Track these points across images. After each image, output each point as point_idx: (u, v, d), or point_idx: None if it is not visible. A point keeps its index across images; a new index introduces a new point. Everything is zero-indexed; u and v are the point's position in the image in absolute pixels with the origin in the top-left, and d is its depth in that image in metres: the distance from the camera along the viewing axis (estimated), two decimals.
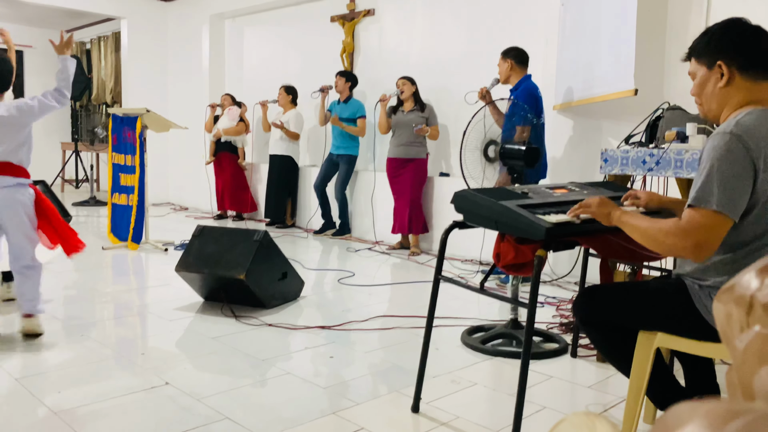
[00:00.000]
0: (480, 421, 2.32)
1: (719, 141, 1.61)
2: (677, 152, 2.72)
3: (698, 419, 0.39)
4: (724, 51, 1.70)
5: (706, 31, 1.76)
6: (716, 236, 1.60)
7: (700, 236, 1.59)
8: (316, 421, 2.28)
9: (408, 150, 5.60)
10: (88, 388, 2.53)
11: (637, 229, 1.72)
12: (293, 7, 7.50)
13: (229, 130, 7.34)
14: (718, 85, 1.72)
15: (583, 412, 0.62)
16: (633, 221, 1.75)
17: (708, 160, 1.61)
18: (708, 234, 1.59)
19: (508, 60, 4.50)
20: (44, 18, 10.28)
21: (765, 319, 0.49)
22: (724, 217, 1.58)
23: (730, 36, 1.71)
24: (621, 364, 2.00)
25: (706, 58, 1.73)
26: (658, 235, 1.66)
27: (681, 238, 1.61)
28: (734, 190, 1.58)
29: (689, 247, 1.60)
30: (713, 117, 1.79)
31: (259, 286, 3.62)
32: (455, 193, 2.21)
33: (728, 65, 1.69)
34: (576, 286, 4.12)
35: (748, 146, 1.58)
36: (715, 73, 1.72)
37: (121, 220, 5.58)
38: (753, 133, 1.59)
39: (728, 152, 1.58)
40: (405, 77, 5.65)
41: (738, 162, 1.58)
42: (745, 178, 1.58)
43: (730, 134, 1.59)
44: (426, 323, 2.37)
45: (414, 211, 5.62)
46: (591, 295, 1.99)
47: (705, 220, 1.59)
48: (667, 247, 1.67)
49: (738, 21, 1.73)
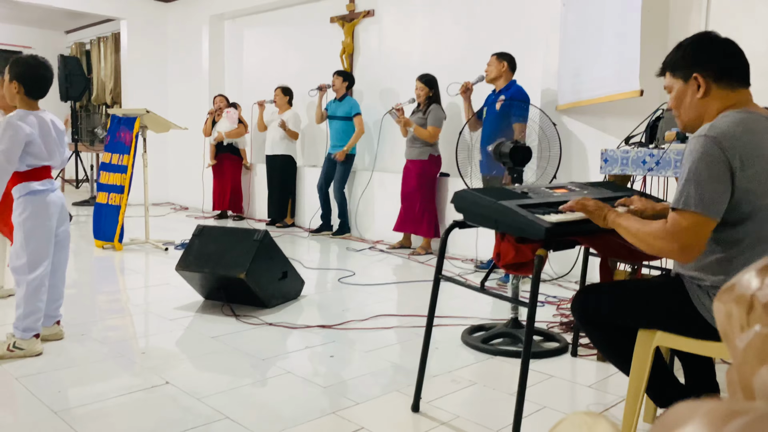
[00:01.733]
0: (480, 420, 2.32)
1: (695, 144, 1.65)
2: (677, 152, 2.72)
3: (698, 419, 0.40)
4: (699, 64, 1.75)
5: (679, 46, 1.81)
6: (699, 237, 1.65)
7: (684, 239, 1.64)
8: (316, 421, 2.29)
9: (409, 152, 5.56)
10: (88, 388, 2.53)
11: (629, 232, 1.77)
12: (293, 7, 7.50)
13: (231, 132, 7.35)
14: (696, 96, 1.77)
15: (584, 412, 0.62)
16: (625, 223, 1.78)
17: (686, 163, 1.67)
18: (691, 236, 1.64)
19: (503, 62, 4.59)
20: (44, 18, 10.28)
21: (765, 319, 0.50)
22: (705, 218, 1.63)
23: (702, 48, 1.76)
24: (621, 362, 2.00)
25: (682, 72, 1.79)
26: (647, 238, 1.71)
27: (667, 241, 1.66)
28: (713, 191, 1.62)
29: (676, 250, 1.66)
30: (693, 127, 1.83)
31: (259, 285, 3.62)
32: (455, 193, 2.21)
33: (704, 77, 1.74)
34: (576, 285, 4.12)
35: (723, 147, 1.62)
36: (691, 85, 1.77)
37: (104, 221, 5.53)
38: (727, 134, 1.63)
39: (704, 155, 1.63)
40: (422, 79, 5.44)
41: (714, 163, 1.62)
42: (722, 178, 1.63)
43: (705, 137, 1.64)
44: (426, 322, 2.37)
45: (424, 213, 5.46)
46: (590, 294, 1.99)
47: (687, 222, 1.63)
48: (656, 250, 1.72)
49: (709, 34, 1.79)
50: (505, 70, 4.58)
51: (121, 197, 5.47)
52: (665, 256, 1.79)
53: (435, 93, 5.45)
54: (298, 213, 7.19)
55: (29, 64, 2.87)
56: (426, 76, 5.46)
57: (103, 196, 5.59)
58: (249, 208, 7.79)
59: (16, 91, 2.85)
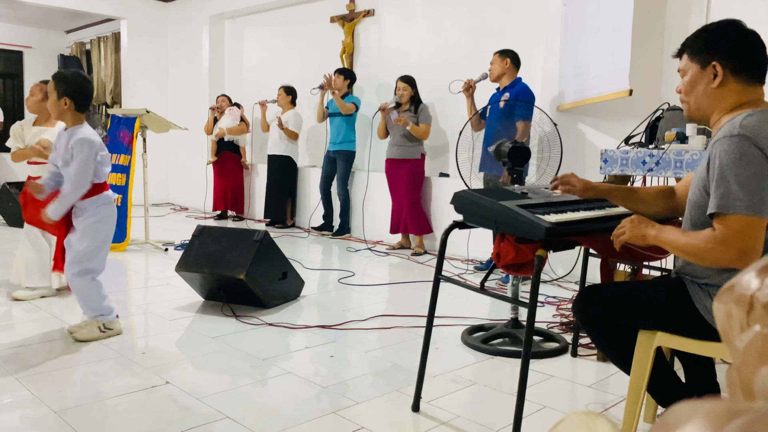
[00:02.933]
0: (480, 420, 2.32)
1: (729, 145, 1.58)
2: (677, 153, 2.72)
3: (698, 419, 0.40)
4: (720, 52, 1.69)
5: (703, 29, 1.75)
6: (757, 239, 1.56)
7: (741, 243, 1.55)
8: (316, 421, 2.29)
9: (401, 150, 5.60)
10: (88, 388, 2.53)
11: (677, 247, 1.68)
12: (293, 7, 7.50)
13: (233, 129, 7.36)
14: (711, 85, 1.71)
15: (584, 412, 0.62)
16: (671, 237, 1.69)
17: (721, 166, 1.58)
18: (748, 239, 1.55)
19: (506, 59, 4.57)
20: (44, 18, 10.28)
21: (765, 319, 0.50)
22: (759, 219, 1.55)
23: (727, 38, 1.70)
24: (622, 362, 2.00)
25: (700, 57, 1.72)
26: (698, 252, 1.62)
27: (723, 250, 1.57)
28: (760, 189, 1.55)
29: (735, 258, 1.56)
30: (700, 116, 1.78)
31: (259, 285, 3.62)
32: (455, 194, 2.21)
33: (723, 66, 1.69)
34: (576, 285, 4.12)
35: (759, 145, 1.57)
36: (708, 73, 1.71)
37: None
38: (759, 132, 1.58)
39: (743, 155, 1.56)
40: (404, 79, 5.63)
41: (753, 162, 1.56)
42: (763, 176, 1.56)
43: (739, 136, 1.57)
44: (426, 322, 2.37)
45: (413, 211, 5.61)
46: (591, 294, 1.99)
47: (739, 225, 1.55)
48: (710, 261, 1.63)
49: (736, 23, 1.72)
50: (508, 66, 4.57)
51: (123, 197, 5.46)
52: (722, 266, 1.65)
53: (416, 92, 5.64)
54: (299, 214, 7.19)
55: (77, 81, 3.06)
56: (407, 76, 5.65)
57: None
58: (249, 209, 7.79)
59: (66, 108, 3.04)
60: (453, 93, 5.03)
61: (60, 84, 3.01)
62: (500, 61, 4.59)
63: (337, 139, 6.32)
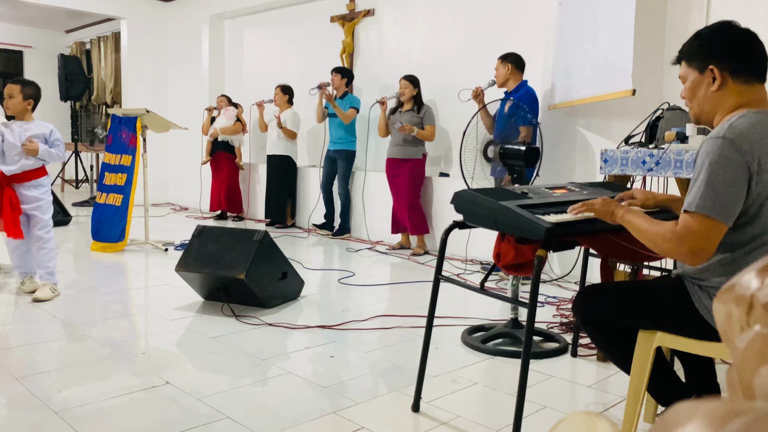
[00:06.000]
0: (480, 420, 2.32)
1: (712, 146, 1.60)
2: (677, 153, 2.72)
3: (698, 419, 0.40)
4: (716, 55, 1.70)
5: (697, 35, 1.76)
6: (710, 242, 1.60)
7: (694, 242, 1.60)
8: (316, 421, 2.29)
9: (403, 150, 5.60)
10: (88, 388, 2.53)
11: (639, 230, 1.73)
12: (293, 7, 7.50)
13: (227, 129, 7.34)
14: (711, 89, 1.72)
15: (583, 412, 0.62)
16: (636, 221, 1.74)
17: (701, 164, 1.62)
18: (702, 240, 1.59)
19: (507, 64, 4.57)
20: (44, 18, 10.28)
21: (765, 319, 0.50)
22: (718, 223, 1.59)
23: (721, 40, 1.71)
24: (622, 362, 2.00)
25: (698, 62, 1.74)
26: (656, 239, 1.67)
27: (676, 243, 1.62)
28: (728, 195, 1.58)
29: (684, 253, 1.62)
30: (705, 120, 1.79)
31: (259, 285, 3.62)
32: (455, 193, 2.21)
33: (720, 69, 1.70)
34: (576, 285, 4.12)
35: (741, 150, 1.58)
36: (707, 77, 1.72)
37: (104, 222, 5.51)
38: (746, 136, 1.59)
39: (721, 157, 1.58)
40: (407, 78, 5.61)
41: (731, 167, 1.58)
42: (738, 182, 1.58)
43: (723, 138, 1.59)
44: (426, 323, 2.37)
45: (412, 211, 5.61)
46: (591, 294, 1.99)
47: (698, 226, 1.59)
48: (664, 252, 1.69)
49: (728, 24, 1.73)
50: (510, 71, 4.57)
51: (123, 197, 5.46)
52: (673, 258, 1.74)
53: (419, 92, 5.62)
54: (299, 213, 7.19)
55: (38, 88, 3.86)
56: (411, 75, 5.62)
57: (104, 197, 5.58)
58: (249, 209, 7.79)
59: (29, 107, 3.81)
60: (462, 101, 5.01)
61: (26, 88, 3.78)
62: (502, 67, 4.59)
63: (338, 139, 6.32)
